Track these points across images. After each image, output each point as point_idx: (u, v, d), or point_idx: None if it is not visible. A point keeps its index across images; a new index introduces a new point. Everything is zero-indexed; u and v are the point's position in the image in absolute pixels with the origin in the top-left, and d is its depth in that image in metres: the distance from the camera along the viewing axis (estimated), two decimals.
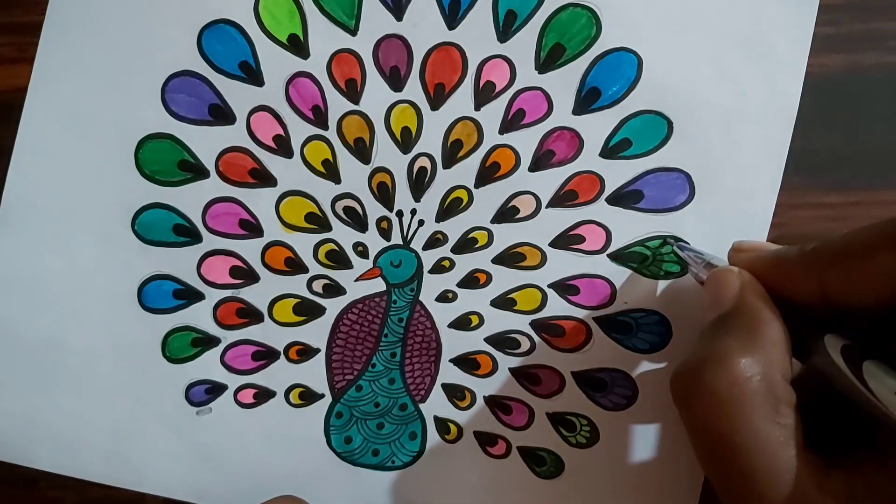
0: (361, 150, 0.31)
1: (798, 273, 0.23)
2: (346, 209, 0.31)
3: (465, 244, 0.31)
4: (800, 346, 0.23)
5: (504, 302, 0.31)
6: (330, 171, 0.31)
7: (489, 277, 0.31)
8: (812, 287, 0.23)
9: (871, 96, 0.30)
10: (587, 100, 0.30)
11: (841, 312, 0.22)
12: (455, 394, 0.32)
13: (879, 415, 0.20)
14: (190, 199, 0.31)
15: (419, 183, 0.31)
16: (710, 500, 0.30)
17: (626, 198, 0.30)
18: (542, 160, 0.31)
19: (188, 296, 0.32)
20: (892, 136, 0.30)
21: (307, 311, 0.32)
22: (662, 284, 0.31)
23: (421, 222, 0.31)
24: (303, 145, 0.31)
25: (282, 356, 0.32)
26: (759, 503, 0.21)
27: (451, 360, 0.32)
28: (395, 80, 0.31)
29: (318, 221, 0.31)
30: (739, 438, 0.21)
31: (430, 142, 0.31)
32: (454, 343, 0.32)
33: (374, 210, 0.31)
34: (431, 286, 0.31)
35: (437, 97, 0.31)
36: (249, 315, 0.32)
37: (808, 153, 0.30)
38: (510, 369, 0.31)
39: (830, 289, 0.22)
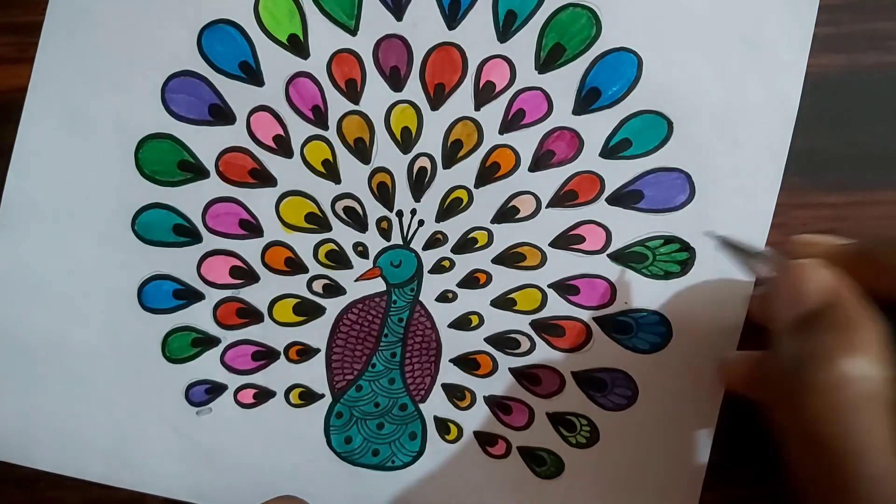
0: (361, 150, 0.31)
1: (887, 266, 0.22)
2: (346, 209, 0.31)
3: (465, 244, 0.31)
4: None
5: (504, 302, 0.31)
6: (330, 171, 0.31)
7: (489, 277, 0.31)
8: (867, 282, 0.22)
9: (871, 96, 0.30)
10: (587, 100, 0.30)
11: None
12: (455, 394, 0.32)
13: None
14: (190, 199, 0.31)
15: (419, 183, 0.31)
16: (710, 501, 0.30)
17: (626, 198, 0.30)
18: (542, 160, 0.31)
19: (188, 296, 0.32)
20: (892, 136, 0.30)
21: (307, 311, 0.32)
22: (663, 284, 0.31)
23: (421, 222, 0.31)
24: (303, 145, 0.31)
25: (282, 356, 0.32)
26: None
27: (451, 360, 0.32)
28: (395, 80, 0.31)
29: (318, 221, 0.31)
30: (848, 444, 0.20)
31: (431, 142, 0.31)
32: (454, 343, 0.32)
33: (374, 210, 0.31)
34: (431, 286, 0.31)
35: (438, 97, 0.31)
36: (249, 315, 0.32)
37: (808, 153, 0.30)
38: (510, 369, 0.31)
39: None
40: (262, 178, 0.31)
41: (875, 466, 0.20)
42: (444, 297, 0.31)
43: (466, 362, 0.32)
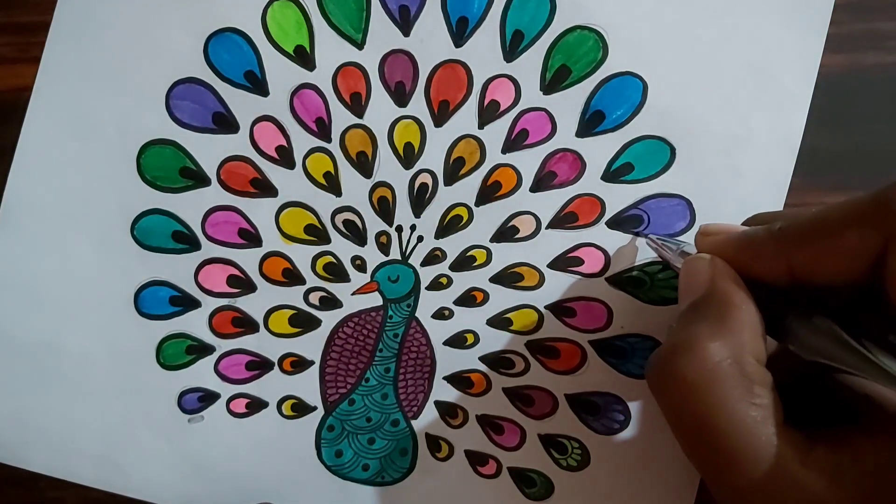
0: (363, 164, 0.31)
1: (766, 253, 0.23)
2: (346, 222, 0.31)
3: (464, 262, 0.31)
4: (775, 327, 0.23)
5: (500, 321, 0.31)
6: (331, 184, 0.31)
7: (486, 296, 0.31)
8: (780, 266, 0.23)
9: (871, 96, 0.30)
10: (591, 122, 0.30)
11: (811, 291, 0.22)
12: (448, 412, 0.32)
13: (878, 378, 0.20)
14: (190, 206, 0.31)
15: (420, 199, 0.31)
16: None
17: (626, 222, 0.30)
18: (543, 181, 0.31)
19: (184, 303, 0.32)
20: (892, 136, 0.30)
21: (303, 322, 0.32)
22: (660, 310, 0.30)
23: (420, 238, 0.31)
24: (305, 157, 0.31)
25: (276, 367, 0.32)
26: (743, 482, 0.21)
27: (444, 378, 0.32)
28: (400, 95, 0.31)
29: (317, 233, 0.31)
30: (715, 421, 0.21)
31: (433, 158, 0.31)
32: (448, 361, 0.32)
33: (374, 224, 0.31)
34: (428, 302, 0.31)
35: (441, 114, 0.31)
36: (245, 325, 0.32)
37: (808, 153, 0.30)
38: (503, 389, 0.31)
39: (799, 268, 0.22)
40: (263, 188, 0.31)
41: (745, 440, 0.21)
42: (441, 314, 0.31)
43: (460, 380, 0.32)
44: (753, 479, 0.21)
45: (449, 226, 0.31)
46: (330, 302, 0.32)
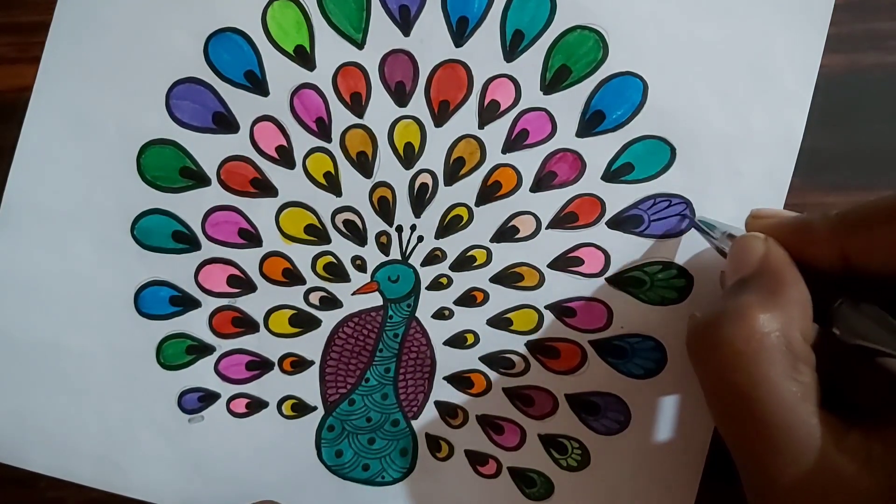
0: (364, 164, 0.31)
1: (820, 238, 0.23)
2: (346, 222, 0.31)
3: (464, 262, 0.31)
4: (821, 313, 0.23)
5: (500, 321, 0.31)
6: (331, 184, 0.31)
7: (486, 296, 0.31)
8: (834, 253, 0.23)
9: (871, 96, 0.30)
10: (591, 122, 0.30)
11: (861, 279, 0.23)
12: (448, 412, 0.32)
13: None
14: (190, 206, 0.31)
15: (420, 199, 0.31)
16: None
17: (626, 222, 0.30)
18: (543, 181, 0.31)
19: (185, 303, 0.32)
20: (892, 136, 0.30)
21: (303, 322, 0.32)
22: (660, 310, 0.30)
23: (420, 238, 0.31)
24: (305, 157, 0.31)
25: (276, 367, 0.32)
26: (775, 458, 0.21)
27: (444, 378, 0.32)
28: (400, 95, 0.31)
29: (317, 234, 0.31)
30: (756, 393, 0.21)
31: (433, 158, 0.31)
32: (449, 361, 0.32)
33: (374, 224, 0.31)
34: (428, 303, 0.31)
35: (442, 114, 0.31)
36: (245, 325, 0.32)
37: (808, 153, 0.30)
38: (504, 389, 0.31)
39: (852, 255, 0.22)
40: (264, 187, 0.31)
41: (782, 415, 0.21)
42: (441, 315, 0.31)
43: (460, 380, 0.32)
44: (786, 456, 0.21)
45: (449, 226, 0.31)
46: (330, 302, 0.32)
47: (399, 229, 0.31)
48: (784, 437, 0.21)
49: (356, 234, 0.31)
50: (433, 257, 0.31)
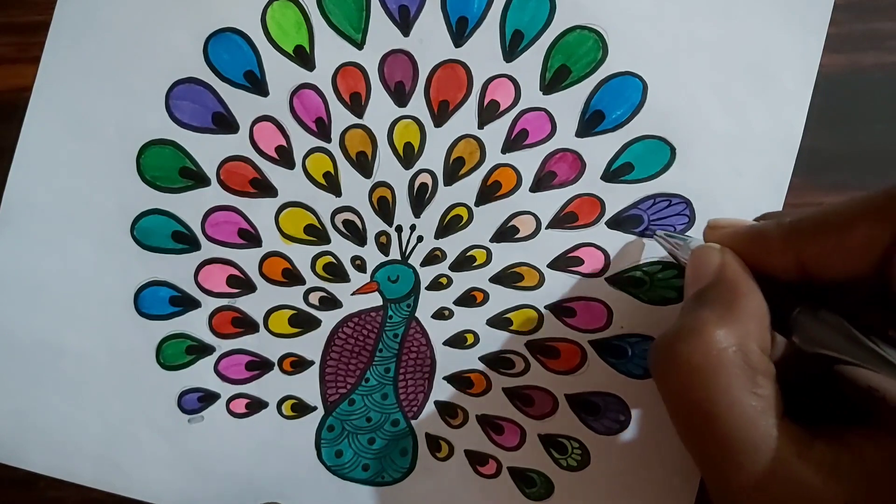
0: (363, 164, 0.31)
1: (775, 246, 0.23)
2: (346, 222, 0.31)
3: (464, 262, 0.31)
4: (782, 322, 0.23)
5: (500, 321, 0.31)
6: (331, 184, 0.31)
7: (486, 296, 0.31)
8: (789, 260, 0.23)
9: (871, 96, 0.30)
10: (591, 122, 0.30)
11: (819, 286, 0.22)
12: (448, 412, 0.32)
13: (882, 368, 0.20)
14: (190, 206, 0.31)
15: (420, 199, 0.31)
16: None
17: (625, 222, 0.30)
18: (543, 181, 0.31)
19: (184, 303, 0.32)
20: (892, 136, 0.30)
21: (303, 322, 0.32)
22: (660, 310, 0.30)
23: (420, 238, 0.31)
24: (305, 157, 0.31)
25: (276, 367, 0.32)
26: (738, 472, 0.21)
27: (444, 378, 0.32)
28: (400, 95, 0.31)
29: (317, 234, 0.31)
30: (715, 408, 0.21)
31: (432, 158, 0.31)
32: (448, 361, 0.32)
33: (374, 224, 0.31)
34: (428, 303, 0.31)
35: (441, 114, 0.31)
36: (245, 325, 0.32)
37: (808, 153, 0.30)
38: (503, 389, 0.31)
39: (808, 262, 0.22)
40: (263, 188, 0.31)
41: (742, 430, 0.21)
42: (441, 315, 0.31)
43: (460, 380, 0.32)
44: (749, 470, 0.21)
45: (449, 226, 0.31)
46: (330, 302, 0.32)
47: (399, 229, 0.31)
48: (745, 451, 0.21)
49: (356, 234, 0.31)
50: (433, 257, 0.31)
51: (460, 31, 0.30)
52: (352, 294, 0.32)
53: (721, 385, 0.21)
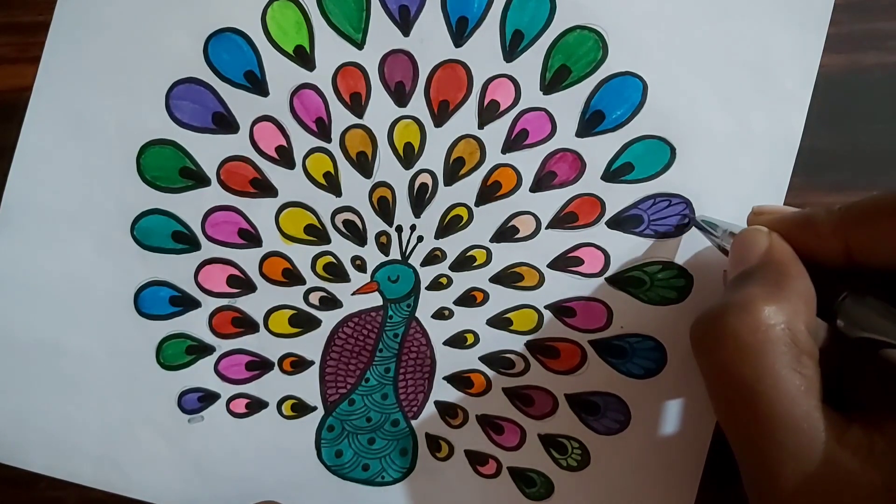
0: (363, 164, 0.31)
1: (824, 233, 0.23)
2: (346, 222, 0.31)
3: (464, 262, 0.31)
4: (823, 308, 0.23)
5: (500, 321, 0.31)
6: (331, 184, 0.31)
7: (486, 296, 0.31)
8: (837, 247, 0.23)
9: (871, 96, 0.30)
10: (591, 122, 0.30)
11: (865, 273, 0.23)
12: (448, 411, 0.32)
13: None
14: (190, 206, 0.31)
15: (420, 199, 0.31)
16: None
17: (626, 222, 0.30)
18: (543, 181, 0.31)
19: (184, 303, 0.32)
20: (892, 136, 0.30)
21: (303, 322, 0.32)
22: (660, 310, 0.30)
23: (420, 238, 0.31)
24: (305, 157, 0.31)
25: (276, 367, 0.32)
26: (778, 452, 0.21)
27: (444, 378, 0.32)
28: (400, 95, 0.31)
29: (317, 234, 0.31)
30: (760, 385, 0.21)
31: (433, 158, 0.31)
32: (448, 361, 0.32)
33: (374, 224, 0.31)
34: (428, 303, 0.31)
35: (441, 114, 0.31)
36: (245, 325, 0.32)
37: (808, 153, 0.30)
38: (503, 389, 0.31)
39: (856, 249, 0.22)
40: (263, 188, 0.31)
41: (785, 407, 0.21)
42: (441, 315, 0.31)
43: (460, 380, 0.32)
44: (788, 450, 0.21)
45: (449, 226, 0.31)
46: (330, 302, 0.32)
47: (399, 229, 0.31)
48: (787, 430, 0.21)
49: (356, 234, 0.31)
50: (433, 257, 0.31)
51: (460, 31, 0.30)
52: (352, 294, 0.32)
53: (767, 362, 0.21)
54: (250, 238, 0.31)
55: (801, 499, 0.21)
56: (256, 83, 0.31)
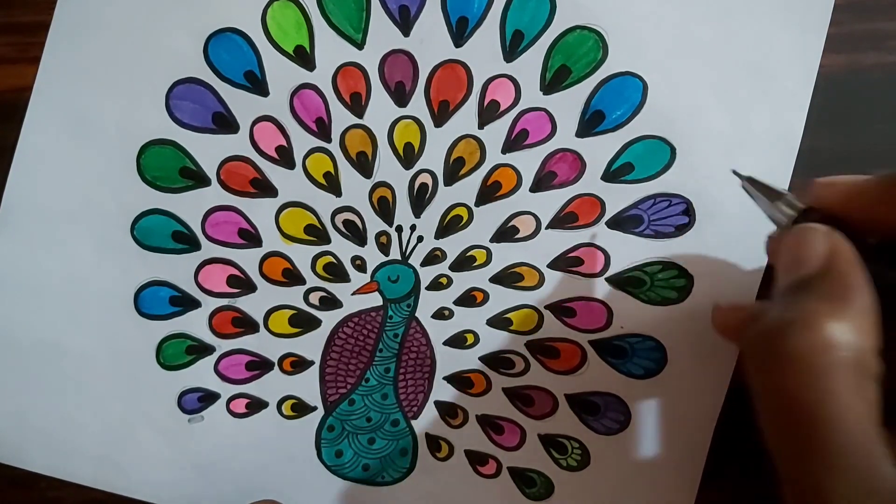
0: (363, 164, 0.31)
1: (880, 199, 0.22)
2: (346, 222, 0.31)
3: (464, 262, 0.31)
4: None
5: (500, 321, 0.31)
6: (331, 184, 0.31)
7: (486, 296, 0.31)
8: (894, 215, 0.22)
9: (871, 96, 0.30)
10: (591, 122, 0.30)
11: None
12: (448, 412, 0.32)
13: None
14: (190, 206, 0.31)
15: (420, 199, 0.31)
16: None
17: (626, 222, 0.30)
18: (543, 181, 0.31)
19: (184, 303, 0.32)
20: (892, 136, 0.30)
21: (303, 322, 0.32)
22: (660, 310, 0.30)
23: (420, 238, 0.31)
24: (305, 157, 0.31)
25: (276, 367, 0.32)
26: (834, 481, 0.19)
27: (444, 378, 0.32)
28: (400, 95, 0.31)
29: (317, 234, 0.31)
30: (823, 412, 0.20)
31: (433, 158, 0.31)
32: (448, 361, 0.32)
33: (374, 224, 0.31)
34: (428, 303, 0.31)
35: (441, 114, 0.31)
36: (245, 325, 0.32)
37: (808, 153, 0.30)
38: (503, 389, 0.31)
39: None
40: (263, 188, 0.31)
41: (848, 436, 0.19)
42: (441, 315, 0.31)
43: (460, 380, 0.32)
44: (844, 478, 0.19)
45: (449, 226, 0.31)
46: (330, 302, 0.32)
47: (399, 229, 0.31)
48: (846, 457, 0.19)
49: (356, 234, 0.31)
50: (433, 257, 0.31)
51: (460, 31, 0.30)
52: (352, 294, 0.32)
53: (833, 387, 0.20)
54: (250, 238, 0.31)
55: None
56: (256, 83, 0.31)
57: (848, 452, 0.19)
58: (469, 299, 0.31)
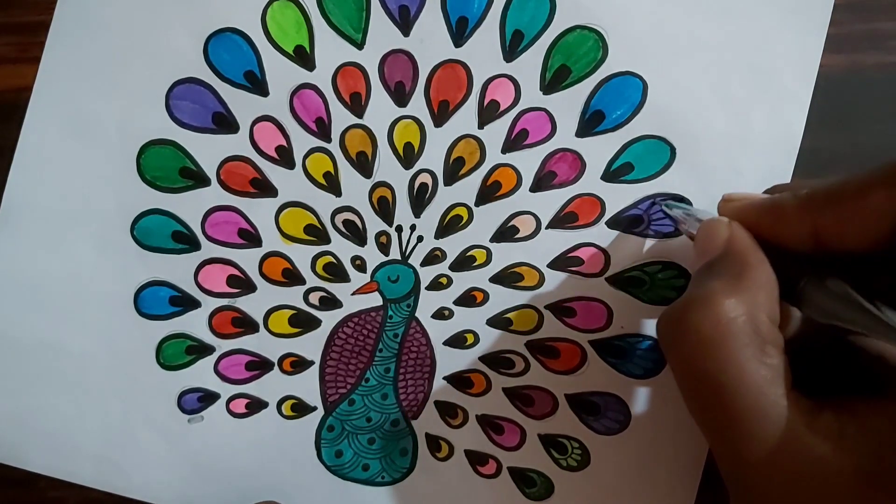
0: (363, 164, 0.31)
1: (792, 217, 0.23)
2: (346, 222, 0.31)
3: (464, 262, 0.31)
4: (791, 292, 0.23)
5: (500, 321, 0.31)
6: (331, 184, 0.31)
7: (486, 296, 0.31)
8: (805, 230, 0.23)
9: (871, 96, 0.30)
10: (591, 122, 0.30)
11: (832, 256, 0.23)
12: (448, 412, 0.32)
13: (890, 338, 0.20)
14: (190, 206, 0.31)
15: (420, 199, 0.31)
16: None
17: (626, 222, 0.30)
18: (543, 181, 0.31)
19: (184, 303, 0.32)
20: (892, 136, 0.30)
21: (303, 322, 0.32)
22: (660, 310, 0.30)
23: (420, 238, 0.31)
24: (305, 157, 0.31)
25: (275, 367, 0.32)
26: (747, 442, 0.21)
27: (444, 378, 0.32)
28: (400, 95, 0.31)
29: (317, 234, 0.31)
30: (725, 378, 0.21)
31: (433, 158, 0.31)
32: (448, 361, 0.32)
33: (374, 224, 0.31)
34: (428, 303, 0.31)
35: (441, 114, 0.31)
36: (245, 325, 0.32)
37: (808, 153, 0.30)
38: (503, 389, 0.31)
39: (823, 231, 0.22)
40: (263, 188, 0.31)
41: (751, 399, 0.21)
42: (441, 315, 0.31)
43: (460, 380, 0.32)
44: (759, 438, 0.21)
45: (449, 226, 0.31)
46: (330, 302, 0.32)
47: (399, 229, 0.31)
48: (754, 420, 0.21)
49: (356, 234, 0.31)
50: (433, 257, 0.31)
51: (460, 31, 0.30)
52: (352, 294, 0.32)
53: (730, 354, 0.21)
54: (250, 238, 0.31)
55: (772, 486, 0.21)
56: (256, 83, 0.31)
57: (754, 416, 0.21)
58: (469, 299, 0.31)
